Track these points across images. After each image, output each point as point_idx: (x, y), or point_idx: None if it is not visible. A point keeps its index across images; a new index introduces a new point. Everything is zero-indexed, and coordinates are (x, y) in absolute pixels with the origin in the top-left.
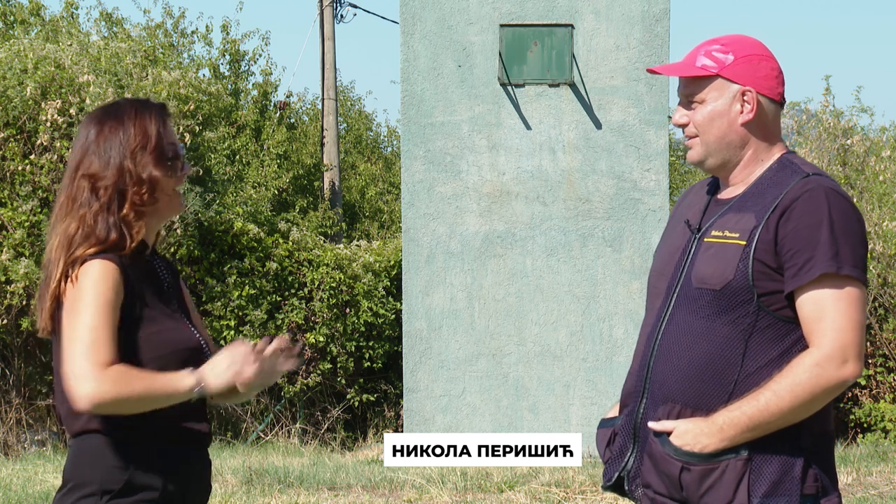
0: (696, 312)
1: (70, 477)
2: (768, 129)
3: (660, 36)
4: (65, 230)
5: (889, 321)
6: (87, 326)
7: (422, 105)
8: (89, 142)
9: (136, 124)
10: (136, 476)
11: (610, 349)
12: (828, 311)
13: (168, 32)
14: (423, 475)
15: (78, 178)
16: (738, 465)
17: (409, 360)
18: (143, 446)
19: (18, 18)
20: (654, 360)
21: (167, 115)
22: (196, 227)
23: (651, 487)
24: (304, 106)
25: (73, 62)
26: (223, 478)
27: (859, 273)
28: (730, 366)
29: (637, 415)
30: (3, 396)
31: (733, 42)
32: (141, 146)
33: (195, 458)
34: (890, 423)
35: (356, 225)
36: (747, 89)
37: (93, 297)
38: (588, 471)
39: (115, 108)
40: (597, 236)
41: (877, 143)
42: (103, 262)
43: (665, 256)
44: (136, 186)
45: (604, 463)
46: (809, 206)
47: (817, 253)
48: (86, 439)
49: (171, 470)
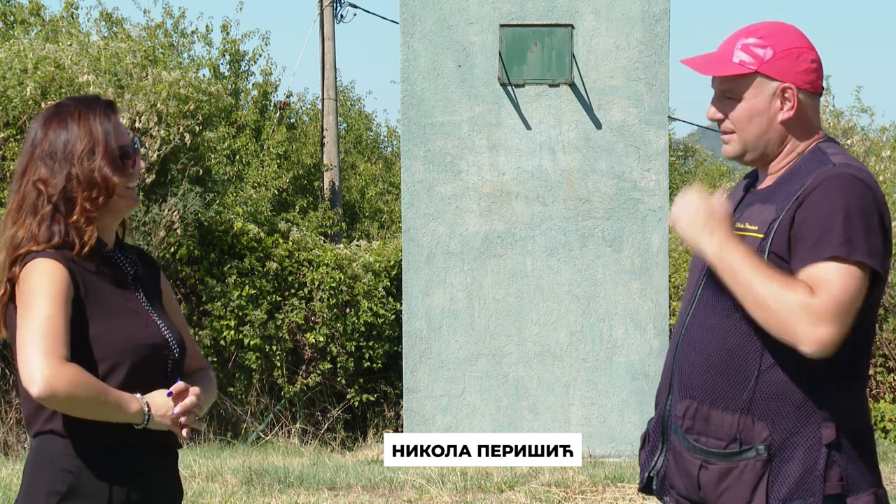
0: (714, 308)
1: (24, 478)
2: (807, 122)
3: (660, 36)
4: (11, 238)
5: (889, 321)
6: (40, 319)
7: (422, 105)
8: (34, 145)
9: (80, 125)
10: (81, 482)
11: (610, 349)
12: (829, 279)
13: (168, 32)
14: (423, 475)
15: (24, 185)
16: (756, 465)
17: (409, 360)
18: (99, 451)
19: (18, 18)
20: (678, 355)
21: (114, 111)
22: (196, 227)
23: (675, 489)
24: (304, 106)
25: (73, 62)
26: (223, 478)
27: (873, 261)
28: (748, 361)
29: (665, 412)
30: (3, 396)
31: (772, 35)
32: (88, 149)
33: (159, 466)
34: (890, 423)
35: (356, 225)
36: (788, 86)
37: (43, 290)
38: (588, 471)
39: (60, 110)
40: (597, 236)
41: (877, 143)
42: (47, 260)
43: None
44: (87, 191)
45: (639, 465)
46: (827, 192)
47: (829, 237)
48: (42, 440)
49: (123, 479)
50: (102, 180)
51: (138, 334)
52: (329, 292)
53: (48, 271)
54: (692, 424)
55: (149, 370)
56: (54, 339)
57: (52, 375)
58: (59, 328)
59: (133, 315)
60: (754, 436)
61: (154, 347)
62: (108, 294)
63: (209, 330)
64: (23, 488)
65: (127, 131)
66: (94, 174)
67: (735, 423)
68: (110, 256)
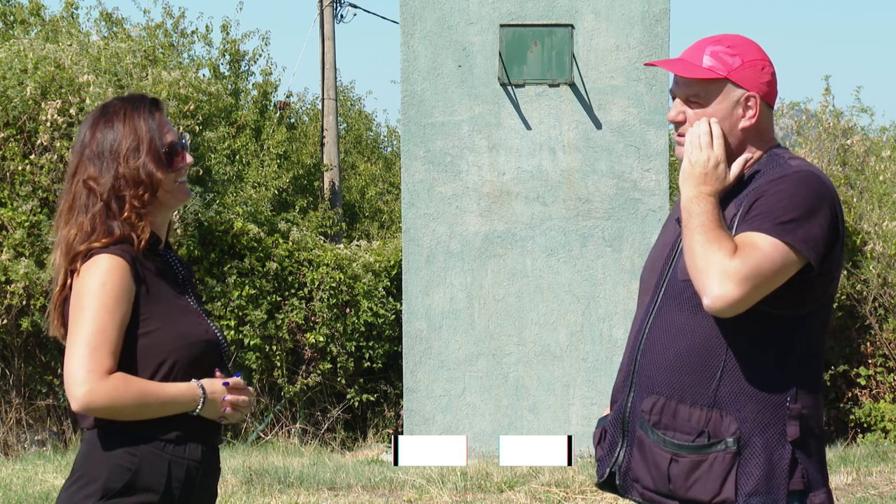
0: (681, 305)
1: (78, 468)
2: (764, 131)
3: (660, 36)
4: (65, 237)
5: (889, 321)
6: (91, 328)
7: (422, 105)
8: (84, 146)
9: (126, 124)
10: (139, 477)
11: (610, 349)
12: (754, 245)
13: (168, 32)
14: (423, 475)
15: (75, 184)
16: (726, 458)
17: (409, 360)
18: (154, 446)
19: (18, 18)
20: (640, 353)
21: (159, 109)
22: (196, 227)
23: (640, 482)
24: (304, 106)
25: (73, 62)
26: (223, 478)
27: (806, 249)
28: (714, 358)
29: (625, 408)
30: (3, 396)
31: (738, 45)
32: (133, 147)
33: (205, 462)
34: (890, 423)
35: (356, 225)
36: (752, 95)
37: (99, 295)
38: (588, 471)
39: (107, 110)
40: (597, 236)
41: (877, 143)
42: (111, 257)
43: (656, 253)
44: (133, 189)
45: (596, 460)
46: (784, 184)
47: (771, 215)
48: (97, 434)
49: (177, 474)
50: (147, 177)
51: (195, 330)
52: (329, 292)
53: (109, 269)
54: (659, 419)
55: (205, 366)
56: (100, 352)
57: (91, 391)
58: (109, 338)
59: (190, 312)
60: (723, 429)
61: (209, 344)
62: (165, 291)
63: None
64: (76, 481)
65: (174, 127)
66: (140, 172)
67: (702, 418)
68: (164, 255)
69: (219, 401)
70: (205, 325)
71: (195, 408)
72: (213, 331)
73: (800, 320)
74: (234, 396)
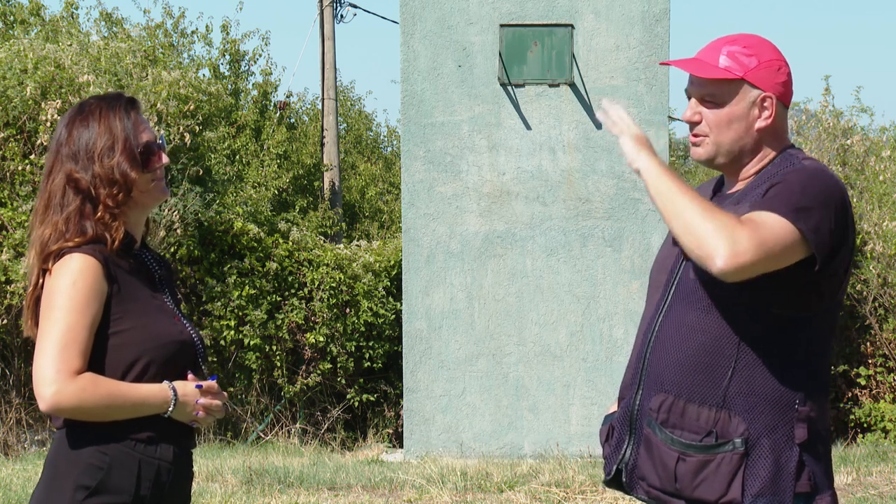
0: (692, 305)
1: (47, 470)
2: (779, 131)
3: (660, 36)
4: (40, 237)
5: (889, 321)
6: (60, 327)
7: (422, 105)
8: (59, 145)
9: (101, 123)
10: (110, 476)
11: (610, 349)
12: (765, 222)
13: (168, 32)
14: (423, 475)
15: (51, 183)
16: (734, 458)
17: (409, 360)
18: (126, 446)
19: (18, 18)
20: (650, 351)
21: (136, 108)
22: (196, 227)
23: (646, 480)
24: (304, 106)
25: (73, 62)
26: (223, 478)
27: (815, 239)
28: (724, 358)
29: (633, 406)
30: (3, 396)
31: (755, 45)
32: (108, 147)
33: (177, 464)
34: (890, 423)
35: (356, 225)
36: (768, 95)
37: (70, 294)
38: (588, 471)
39: (83, 108)
40: (597, 236)
41: (877, 143)
42: (82, 256)
43: (666, 251)
44: (108, 188)
45: (603, 458)
46: (797, 175)
47: (784, 200)
48: (67, 433)
49: (147, 474)
50: (122, 177)
51: (169, 331)
52: (329, 292)
53: (80, 269)
54: (667, 418)
55: (178, 367)
56: (69, 352)
57: (59, 392)
58: (78, 337)
59: (164, 312)
60: (731, 430)
61: (183, 345)
62: (139, 291)
63: (209, 330)
64: (46, 481)
65: (151, 127)
66: (114, 171)
67: (711, 418)
68: (139, 254)
69: (191, 403)
70: (180, 325)
71: (166, 409)
72: (189, 331)
73: (809, 322)
74: (207, 400)
